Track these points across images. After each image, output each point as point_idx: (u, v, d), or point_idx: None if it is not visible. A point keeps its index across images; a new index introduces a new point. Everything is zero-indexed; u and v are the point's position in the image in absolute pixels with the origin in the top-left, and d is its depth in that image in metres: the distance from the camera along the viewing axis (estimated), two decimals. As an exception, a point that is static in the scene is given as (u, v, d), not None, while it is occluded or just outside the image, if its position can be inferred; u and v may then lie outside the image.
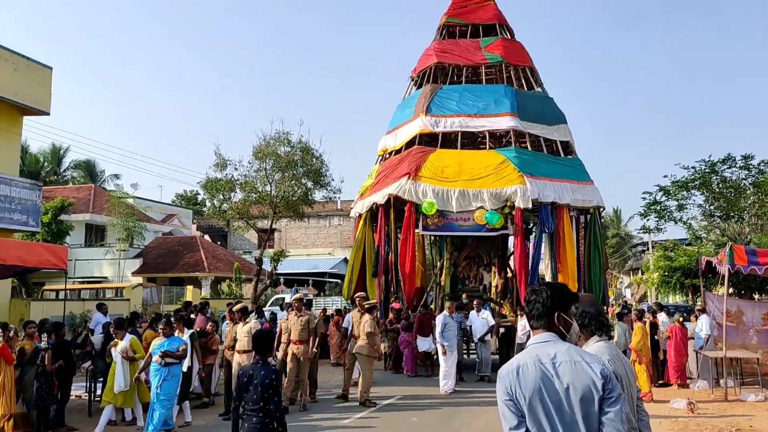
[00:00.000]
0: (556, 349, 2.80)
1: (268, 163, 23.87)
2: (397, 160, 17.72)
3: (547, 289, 2.94)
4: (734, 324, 13.88)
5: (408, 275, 16.26)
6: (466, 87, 18.63)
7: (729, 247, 12.23)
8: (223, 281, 31.46)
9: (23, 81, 16.12)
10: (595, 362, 2.78)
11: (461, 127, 17.53)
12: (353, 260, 17.90)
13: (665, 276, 28.26)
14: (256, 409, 5.14)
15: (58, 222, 27.16)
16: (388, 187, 16.62)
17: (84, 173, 49.03)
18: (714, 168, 20.38)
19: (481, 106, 17.60)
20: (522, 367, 2.75)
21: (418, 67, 19.90)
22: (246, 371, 5.34)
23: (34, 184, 16.73)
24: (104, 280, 31.88)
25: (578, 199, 16.87)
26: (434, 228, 16.77)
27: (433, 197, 15.94)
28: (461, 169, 16.46)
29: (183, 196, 59.75)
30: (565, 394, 2.68)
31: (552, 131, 18.08)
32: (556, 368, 2.73)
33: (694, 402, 10.77)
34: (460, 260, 18.80)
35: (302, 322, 10.99)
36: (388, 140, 18.99)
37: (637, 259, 50.81)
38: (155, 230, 37.97)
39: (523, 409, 2.70)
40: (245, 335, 10.16)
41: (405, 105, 19.33)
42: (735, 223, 21.30)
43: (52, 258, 10.25)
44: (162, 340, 8.65)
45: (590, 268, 17.22)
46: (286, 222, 28.51)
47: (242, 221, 25.66)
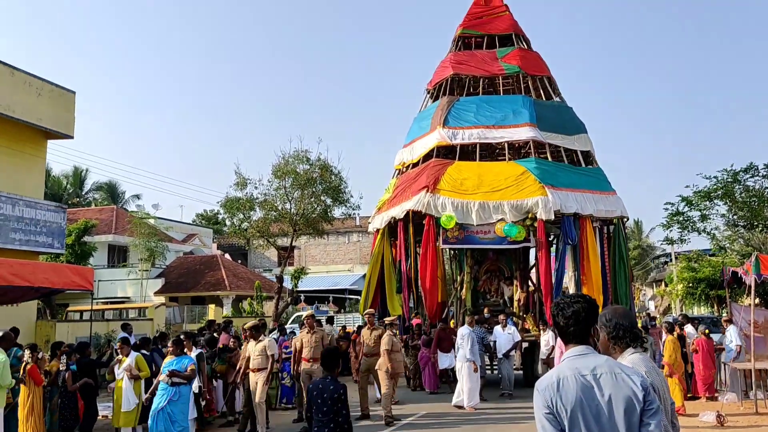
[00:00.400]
0: (596, 361, 2.80)
1: (287, 181, 24.08)
2: (415, 173, 17.57)
3: (582, 302, 2.93)
4: (762, 335, 13.65)
5: (429, 290, 16.02)
6: (483, 98, 18.46)
7: (755, 256, 12.09)
8: (245, 299, 31.62)
9: (47, 105, 16.45)
10: (634, 374, 2.79)
11: (479, 139, 17.35)
12: (370, 275, 17.79)
13: (690, 287, 27.89)
14: (326, 420, 5.52)
15: (81, 243, 27.54)
16: (407, 202, 16.46)
17: (106, 195, 49.76)
18: (736, 177, 20.17)
19: (500, 117, 17.44)
20: (562, 380, 2.74)
21: (433, 79, 19.77)
22: (316, 385, 5.76)
23: (58, 206, 17.01)
24: (127, 300, 32.21)
25: (601, 210, 16.62)
26: (454, 241, 16.50)
27: (452, 210, 15.74)
28: (481, 181, 16.27)
29: (203, 215, 60.33)
30: (608, 407, 2.69)
31: (572, 141, 17.88)
32: (598, 380, 2.73)
33: (723, 415, 10.59)
34: (481, 274, 18.58)
35: (315, 340, 10.83)
36: (405, 154, 18.87)
37: (659, 271, 50.22)
38: (176, 250, 38.35)
39: (564, 422, 2.69)
40: (258, 354, 10.09)
41: (421, 118, 19.21)
42: (759, 232, 21.03)
43: (78, 279, 10.40)
44: (171, 358, 8.55)
45: (616, 280, 16.94)
46: (306, 239, 28.65)
47: (262, 239, 25.87)
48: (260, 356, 10.17)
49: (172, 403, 8.16)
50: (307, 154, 24.06)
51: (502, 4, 20.25)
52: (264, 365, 10.16)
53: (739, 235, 21.71)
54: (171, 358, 8.54)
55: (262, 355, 10.18)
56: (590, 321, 2.93)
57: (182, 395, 8.32)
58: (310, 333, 10.97)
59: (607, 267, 16.72)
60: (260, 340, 10.35)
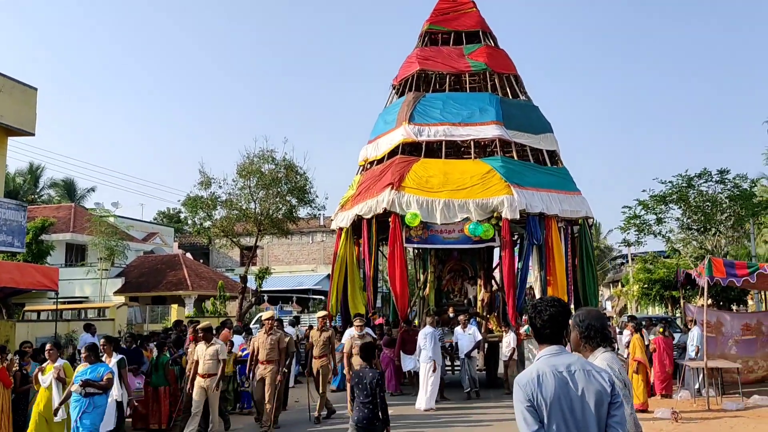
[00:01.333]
0: (569, 359, 3.10)
1: (252, 181, 24.01)
2: (380, 170, 17.28)
3: (558, 307, 3.21)
4: (714, 335, 14.22)
5: (400, 290, 15.82)
6: (449, 95, 18.19)
7: (708, 259, 12.56)
8: (207, 299, 31.36)
9: (8, 102, 16.12)
10: (602, 371, 3.12)
11: (445, 136, 17.12)
12: (338, 275, 17.27)
13: (645, 288, 28.77)
14: (366, 401, 6.66)
15: (38, 242, 26.93)
16: (371, 200, 16.19)
17: (62, 192, 48.63)
18: (691, 182, 20.89)
19: (466, 115, 17.22)
20: (541, 375, 3.02)
21: (399, 74, 19.45)
22: (357, 373, 6.93)
23: (19, 204, 16.68)
24: (85, 300, 31.59)
25: (566, 210, 16.55)
26: (417, 240, 16.31)
27: (418, 208, 15.55)
28: (446, 179, 16.04)
29: (165, 213, 59.48)
30: (581, 400, 2.98)
31: (538, 140, 17.77)
32: (572, 376, 3.02)
33: (677, 411, 11.04)
34: (444, 273, 18.45)
35: (271, 342, 10.53)
36: (370, 150, 18.50)
37: (616, 272, 51.49)
38: (137, 249, 37.74)
39: (543, 414, 2.96)
40: (210, 358, 9.67)
41: (387, 113, 18.82)
42: (712, 235, 21.82)
43: (44, 279, 10.33)
44: (85, 366, 7.78)
45: (585, 281, 17.00)
46: (269, 239, 28.56)
47: (226, 239, 25.73)
48: (211, 360, 9.74)
49: (86, 415, 7.51)
50: (273, 154, 24.05)
51: (470, 0, 19.97)
52: (214, 371, 9.74)
53: (692, 238, 22.50)
54: (84, 366, 7.81)
55: (213, 360, 9.76)
56: (564, 324, 3.21)
57: (96, 406, 7.62)
58: (267, 335, 10.64)
59: (570, 268, 16.66)
60: (212, 344, 9.90)
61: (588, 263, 17.16)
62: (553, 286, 15.87)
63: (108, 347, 8.98)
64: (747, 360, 14.42)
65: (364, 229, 16.54)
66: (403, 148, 17.36)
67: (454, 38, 19.57)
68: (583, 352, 3.60)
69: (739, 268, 12.37)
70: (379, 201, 15.94)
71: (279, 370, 10.53)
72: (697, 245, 22.26)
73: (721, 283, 12.77)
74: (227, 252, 37.78)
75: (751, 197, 20.86)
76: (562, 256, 16.22)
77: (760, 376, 14.70)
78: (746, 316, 16.37)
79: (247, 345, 12.69)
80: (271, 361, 10.45)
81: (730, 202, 20.62)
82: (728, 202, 20.65)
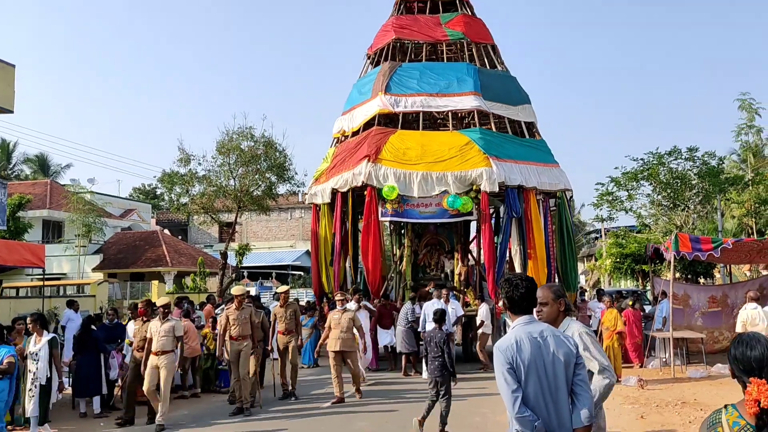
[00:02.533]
0: (541, 327, 3.55)
1: (231, 158, 24.12)
2: (356, 142, 16.80)
3: (530, 282, 3.65)
4: (681, 307, 14.83)
5: (372, 264, 15.53)
6: (426, 65, 17.72)
7: (674, 235, 13.06)
8: (187, 276, 31.47)
9: (-14, 79, 16.02)
10: (567, 337, 3.60)
11: (423, 107, 16.70)
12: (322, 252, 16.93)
13: (617, 262, 29.53)
14: (436, 356, 8.27)
15: (15, 219, 26.77)
16: (347, 173, 15.83)
17: (36, 167, 48.01)
18: (661, 160, 21.48)
19: (443, 85, 16.83)
20: (519, 341, 3.44)
21: (374, 43, 18.92)
22: (429, 333, 8.64)
23: None
24: (63, 277, 31.54)
25: (545, 182, 16.35)
26: (393, 214, 15.95)
27: (395, 181, 15.22)
28: (424, 151, 15.69)
29: (141, 190, 59.03)
30: (552, 360, 3.43)
31: (516, 111, 17.43)
32: (545, 341, 3.47)
33: (643, 379, 11.62)
34: (421, 248, 18.21)
35: (244, 317, 10.16)
36: (344, 121, 17.97)
37: (590, 246, 52.44)
38: (114, 225, 37.59)
39: (521, 375, 3.37)
40: (165, 334, 9.17)
41: (362, 84, 18.23)
42: (681, 211, 22.48)
43: (31, 257, 10.47)
44: None
45: (564, 254, 16.91)
46: (248, 216, 28.73)
47: (206, 215, 25.86)
48: (166, 337, 9.21)
49: None
50: (252, 131, 24.16)
51: (446, -33, 19.13)
52: (169, 347, 9.22)
53: (662, 214, 23.17)
54: None
55: (169, 337, 9.24)
56: (535, 297, 3.69)
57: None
58: (239, 310, 10.24)
59: (552, 240, 16.56)
60: (168, 320, 9.41)
61: (567, 236, 17.06)
62: (534, 260, 15.78)
63: (35, 326, 8.60)
64: (712, 331, 15.05)
65: (338, 203, 16.21)
66: (379, 119, 16.96)
67: (430, 7, 19.08)
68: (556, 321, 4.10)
69: (704, 242, 12.87)
70: (355, 174, 15.66)
71: (253, 346, 10.28)
72: (666, 221, 22.93)
73: (686, 257, 13.29)
74: (207, 229, 37.78)
75: (719, 174, 21.53)
76: (541, 229, 16.10)
77: (724, 346, 15.30)
78: (712, 289, 17.01)
79: None
80: (244, 337, 10.12)
81: (698, 179, 21.26)
82: (697, 179, 21.28)
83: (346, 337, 10.88)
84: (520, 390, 3.36)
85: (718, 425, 2.59)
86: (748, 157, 24.37)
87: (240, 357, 10.06)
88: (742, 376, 2.65)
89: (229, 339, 10.17)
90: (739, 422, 2.53)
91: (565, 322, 4.16)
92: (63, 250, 31.99)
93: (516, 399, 3.34)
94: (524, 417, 3.32)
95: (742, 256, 14.86)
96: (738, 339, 2.77)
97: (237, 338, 10.11)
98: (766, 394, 2.45)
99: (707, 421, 2.66)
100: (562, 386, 3.43)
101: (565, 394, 3.46)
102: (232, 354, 10.13)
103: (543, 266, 15.78)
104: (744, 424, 2.51)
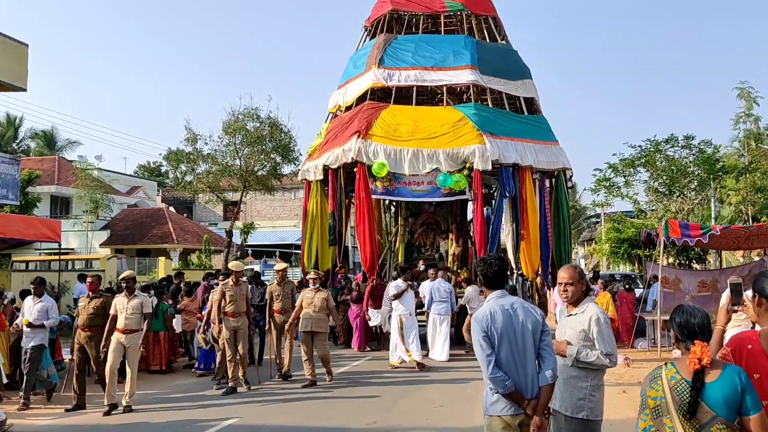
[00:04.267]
0: (511, 300, 4.10)
1: (237, 138, 24.57)
2: (348, 117, 16.21)
3: (500, 261, 4.21)
4: (672, 290, 15.32)
5: (366, 242, 14.99)
6: (422, 37, 17.08)
7: (665, 221, 13.51)
8: (192, 253, 32.07)
9: (0, 58, 16.43)
10: (535, 308, 4.14)
11: (417, 81, 16.08)
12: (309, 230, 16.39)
13: (614, 247, 30.04)
14: None
15: (24, 194, 27.31)
16: (338, 149, 15.37)
17: (43, 143, 48.49)
18: (658, 147, 21.87)
19: (439, 58, 16.20)
20: (493, 312, 3.99)
21: (372, 15, 18.28)
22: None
23: (12, 158, 17.17)
24: (71, 252, 32.18)
25: (542, 161, 15.70)
26: (384, 192, 15.48)
27: (385, 158, 14.72)
28: (416, 127, 15.08)
29: (146, 167, 59.55)
30: (521, 328, 3.97)
31: (515, 86, 16.74)
32: (515, 311, 4.01)
33: (629, 358, 12.16)
34: (417, 227, 17.87)
35: (241, 294, 9.98)
36: (339, 96, 17.40)
37: (591, 231, 52.91)
38: (120, 202, 38.21)
39: (494, 341, 3.92)
40: (132, 312, 8.71)
41: (357, 57, 17.64)
42: (677, 198, 22.91)
43: (47, 231, 10.98)
44: None
45: (560, 236, 16.30)
46: (252, 195, 29.23)
47: (211, 194, 26.39)
48: (134, 315, 8.75)
49: None
50: (258, 112, 24.57)
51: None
52: (136, 326, 8.76)
53: (658, 201, 23.62)
54: None
55: (137, 314, 8.77)
56: (506, 274, 4.27)
57: None
58: (236, 286, 9.99)
59: (549, 221, 16.02)
60: (135, 296, 8.91)
61: (561, 217, 16.45)
62: (527, 241, 15.32)
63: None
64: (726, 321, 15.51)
65: (330, 180, 15.75)
66: (373, 93, 16.45)
67: (429, -23, 17.99)
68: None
69: (693, 229, 13.31)
70: (345, 150, 15.21)
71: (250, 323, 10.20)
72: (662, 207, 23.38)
73: (676, 242, 13.76)
74: (212, 207, 38.33)
75: (715, 162, 21.94)
76: (536, 210, 15.61)
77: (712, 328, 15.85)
78: (703, 273, 17.47)
79: None
80: (240, 314, 9.96)
81: (694, 167, 21.67)
82: (692, 167, 21.69)
83: (318, 317, 10.33)
84: (494, 354, 3.88)
85: (659, 379, 3.10)
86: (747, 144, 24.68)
87: (237, 335, 9.87)
88: (685, 340, 3.16)
89: (225, 315, 9.87)
90: (675, 377, 3.04)
91: (586, 301, 4.42)
92: (71, 226, 32.60)
93: (490, 362, 3.87)
94: (497, 377, 3.88)
95: (731, 242, 15.29)
96: (681, 309, 3.29)
97: (233, 315, 9.89)
98: (707, 353, 2.96)
99: (649, 376, 3.18)
100: (530, 351, 3.94)
101: (533, 358, 3.96)
102: (228, 331, 9.84)
103: (536, 248, 15.42)
104: (680, 378, 3.02)
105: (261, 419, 8.32)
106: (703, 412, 2.93)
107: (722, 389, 2.93)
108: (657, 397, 3.06)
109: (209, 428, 7.85)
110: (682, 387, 2.99)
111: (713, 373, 2.98)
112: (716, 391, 2.93)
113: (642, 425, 3.11)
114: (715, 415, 2.91)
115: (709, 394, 2.94)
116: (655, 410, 3.05)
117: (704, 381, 2.96)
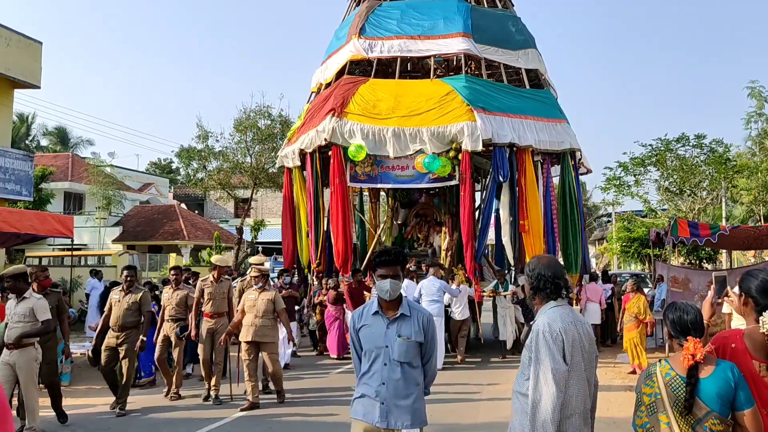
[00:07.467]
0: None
1: (248, 136, 24.76)
2: (325, 95, 14.47)
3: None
4: (681, 290, 15.29)
5: (339, 235, 13.29)
6: (410, 3, 15.14)
7: (673, 221, 13.50)
8: (203, 249, 32.30)
9: (15, 56, 16.68)
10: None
11: (401, 52, 14.21)
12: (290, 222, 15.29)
13: (625, 246, 29.96)
14: None
15: (38, 190, 27.64)
16: (312, 130, 13.68)
17: (55, 140, 48.99)
18: (669, 146, 21.81)
19: (428, 26, 14.36)
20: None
21: None
22: None
23: (26, 155, 17.39)
24: (84, 248, 32.53)
25: (544, 140, 13.56)
26: (365, 179, 13.79)
27: (362, 139, 12.90)
28: (397, 103, 13.21)
29: (157, 164, 59.99)
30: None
31: (516, 57, 14.62)
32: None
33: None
34: (410, 219, 16.12)
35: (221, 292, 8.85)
36: (320, 73, 15.69)
37: (603, 230, 52.71)
38: (133, 198, 38.56)
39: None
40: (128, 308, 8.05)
41: (340, 28, 15.88)
42: (688, 197, 22.84)
43: (60, 227, 11.14)
44: None
45: (566, 228, 14.10)
46: (263, 192, 29.39)
47: (222, 191, 26.60)
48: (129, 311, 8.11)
49: None
50: (269, 110, 24.74)
51: None
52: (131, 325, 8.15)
53: (668, 200, 23.55)
54: None
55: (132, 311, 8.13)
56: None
57: None
58: (217, 283, 8.84)
59: (554, 211, 14.02)
60: (131, 291, 8.19)
61: (570, 206, 14.16)
62: (527, 233, 13.23)
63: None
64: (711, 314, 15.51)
65: (308, 165, 14.01)
66: (351, 67, 14.70)
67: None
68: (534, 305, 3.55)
69: (702, 228, 13.34)
70: (318, 131, 13.43)
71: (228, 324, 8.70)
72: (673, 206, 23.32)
73: (685, 241, 13.75)
74: (223, 204, 38.55)
75: (726, 161, 21.85)
76: (537, 198, 13.47)
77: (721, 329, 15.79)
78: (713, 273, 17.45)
79: None
80: (220, 315, 8.81)
81: (705, 166, 21.60)
82: (704, 166, 21.63)
83: (263, 323, 8.31)
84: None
85: (654, 375, 3.15)
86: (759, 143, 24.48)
87: (214, 339, 8.66)
88: (678, 337, 3.21)
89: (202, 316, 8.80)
90: (670, 373, 3.09)
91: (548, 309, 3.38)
92: (84, 222, 32.95)
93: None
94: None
95: (740, 242, 15.29)
96: (674, 306, 3.34)
97: (212, 315, 8.75)
98: (700, 349, 3.01)
99: (644, 373, 3.23)
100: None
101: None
102: (206, 334, 8.72)
103: (539, 241, 13.19)
104: (674, 375, 3.07)
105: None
106: (697, 408, 2.98)
107: (716, 384, 2.98)
108: (652, 394, 3.10)
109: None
110: (677, 383, 3.04)
111: (707, 368, 3.02)
112: (710, 387, 2.98)
113: (638, 422, 3.16)
114: (710, 410, 2.96)
115: (703, 390, 2.98)
116: (651, 407, 3.10)
117: (698, 377, 2.99)
